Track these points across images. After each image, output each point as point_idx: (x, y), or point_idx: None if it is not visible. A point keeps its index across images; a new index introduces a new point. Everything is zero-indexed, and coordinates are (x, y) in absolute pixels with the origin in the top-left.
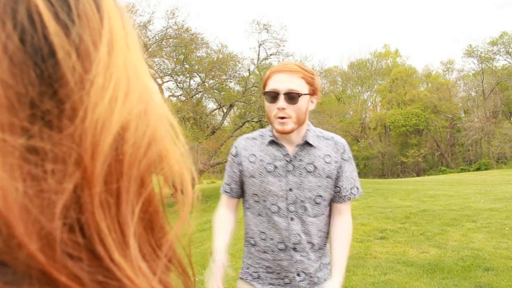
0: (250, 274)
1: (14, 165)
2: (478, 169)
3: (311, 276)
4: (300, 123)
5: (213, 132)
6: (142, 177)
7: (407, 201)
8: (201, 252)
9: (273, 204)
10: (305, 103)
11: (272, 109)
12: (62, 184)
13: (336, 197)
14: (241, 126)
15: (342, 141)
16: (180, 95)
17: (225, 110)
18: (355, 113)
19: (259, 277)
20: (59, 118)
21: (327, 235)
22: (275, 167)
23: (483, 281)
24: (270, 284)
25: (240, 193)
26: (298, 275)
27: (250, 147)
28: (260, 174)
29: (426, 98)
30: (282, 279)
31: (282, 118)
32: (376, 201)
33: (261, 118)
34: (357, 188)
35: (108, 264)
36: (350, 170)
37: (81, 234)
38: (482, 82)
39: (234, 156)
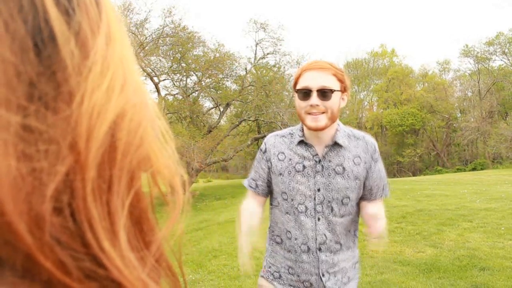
0: (272, 274)
1: (8, 141)
2: (474, 169)
3: (339, 276)
4: (333, 119)
5: (209, 131)
6: (133, 170)
7: (403, 201)
8: (197, 251)
9: (300, 204)
10: (337, 100)
11: (304, 106)
12: (55, 166)
13: (367, 195)
14: (238, 125)
15: (372, 141)
16: (177, 93)
17: (221, 109)
18: (351, 113)
19: (280, 277)
20: (56, 100)
21: (355, 233)
22: (304, 166)
23: (479, 281)
24: (291, 285)
25: (266, 191)
26: (323, 275)
27: (279, 144)
28: (289, 173)
29: (423, 98)
30: (302, 282)
31: (315, 114)
32: None
33: (258, 117)
34: (386, 188)
35: (97, 252)
36: (381, 170)
37: (71, 219)
38: (478, 82)
39: (263, 152)
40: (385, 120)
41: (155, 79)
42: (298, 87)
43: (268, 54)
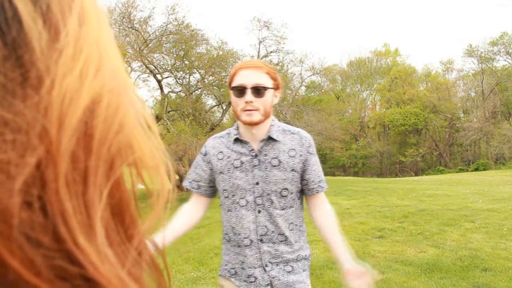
0: (228, 271)
1: None
2: (476, 169)
3: (281, 265)
4: (266, 115)
5: (212, 129)
6: (112, 160)
7: (405, 201)
8: (199, 249)
9: (241, 198)
10: (270, 97)
11: (239, 103)
12: (23, 158)
13: (305, 190)
14: None
15: (307, 135)
16: (180, 91)
17: (224, 107)
18: (354, 112)
19: (236, 273)
20: (23, 86)
21: (301, 228)
22: (242, 162)
23: (481, 281)
24: (244, 281)
25: (209, 192)
26: (266, 265)
27: (218, 145)
28: (228, 170)
29: (425, 97)
30: (248, 277)
31: (250, 110)
32: (374, 200)
33: None
34: (324, 182)
35: (71, 248)
36: (317, 164)
37: (42, 213)
38: (481, 82)
39: (204, 155)
40: (388, 120)
41: (158, 76)
42: (233, 84)
43: (271, 52)
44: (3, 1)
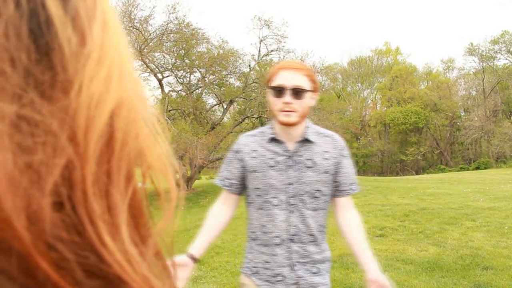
0: (250, 269)
1: (3, 132)
2: (477, 168)
3: (309, 266)
4: (303, 117)
5: (212, 128)
6: (131, 162)
7: (406, 199)
8: None
9: (274, 197)
10: (308, 99)
11: (277, 103)
12: (53, 159)
13: (336, 192)
14: (241, 122)
15: (340, 139)
16: (180, 90)
17: (225, 106)
18: (355, 111)
19: (257, 272)
20: (53, 89)
21: (325, 229)
22: (277, 162)
23: (482, 280)
24: (266, 280)
25: (240, 190)
26: (295, 265)
27: (251, 143)
28: (262, 169)
29: (426, 96)
30: (274, 276)
31: (287, 111)
32: (375, 199)
33: (261, 114)
34: (356, 184)
35: (98, 247)
36: (350, 167)
37: (73, 213)
38: (482, 81)
39: (236, 152)
40: (389, 118)
41: (159, 75)
42: (272, 84)
43: (272, 51)
44: (36, 6)
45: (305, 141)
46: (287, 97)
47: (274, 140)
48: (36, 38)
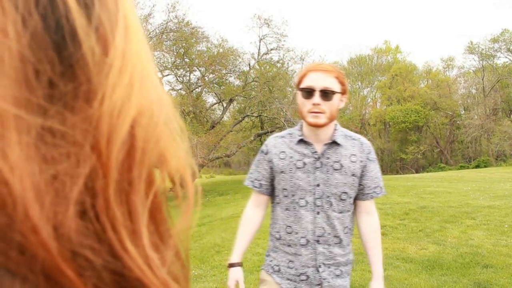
0: (272, 267)
1: (30, 144)
2: (477, 166)
3: (333, 268)
4: (332, 119)
5: (212, 127)
6: (151, 168)
7: (406, 198)
8: (200, 247)
9: (301, 199)
10: (337, 101)
11: (307, 104)
12: (77, 168)
13: (359, 195)
14: (241, 121)
15: (368, 142)
16: (180, 89)
17: (225, 105)
18: (354, 109)
19: (279, 270)
20: (77, 100)
21: (352, 232)
22: (304, 163)
23: (482, 278)
24: (288, 279)
25: (270, 190)
26: (320, 266)
27: (279, 145)
28: (290, 170)
29: (426, 94)
30: (299, 275)
31: (316, 112)
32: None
33: (261, 113)
34: (381, 188)
35: (120, 253)
36: (375, 170)
37: (96, 221)
38: (482, 79)
39: (264, 153)
40: (388, 117)
41: (158, 74)
42: (302, 85)
43: (271, 49)
44: (61, 17)
45: (333, 143)
46: (316, 99)
47: (302, 141)
48: (60, 49)
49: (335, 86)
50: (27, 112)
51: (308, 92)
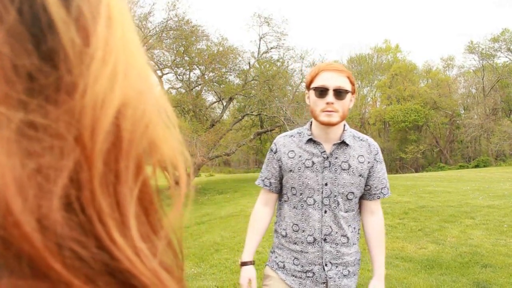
0: (277, 263)
1: (10, 139)
2: (476, 166)
3: (340, 267)
4: (343, 117)
5: (212, 125)
6: (139, 158)
7: (406, 197)
8: (199, 245)
9: (309, 197)
10: (349, 100)
11: (319, 103)
12: (61, 161)
13: (366, 195)
14: (241, 120)
15: (375, 143)
16: (180, 87)
17: (224, 103)
18: (354, 108)
19: (284, 267)
20: (58, 92)
21: (359, 231)
22: (313, 162)
23: (481, 278)
24: (293, 276)
25: (279, 189)
26: (326, 265)
27: (288, 144)
28: (299, 169)
29: (426, 94)
30: (305, 272)
31: (330, 111)
32: None
33: (261, 111)
34: (388, 189)
35: (108, 245)
36: (382, 171)
37: (82, 213)
38: (482, 79)
39: (274, 152)
40: (388, 116)
41: (158, 72)
42: (314, 85)
43: (271, 48)
44: (37, 10)
45: (342, 143)
46: (330, 97)
47: (311, 141)
48: (38, 43)
49: (347, 85)
50: (6, 107)
51: (322, 91)
